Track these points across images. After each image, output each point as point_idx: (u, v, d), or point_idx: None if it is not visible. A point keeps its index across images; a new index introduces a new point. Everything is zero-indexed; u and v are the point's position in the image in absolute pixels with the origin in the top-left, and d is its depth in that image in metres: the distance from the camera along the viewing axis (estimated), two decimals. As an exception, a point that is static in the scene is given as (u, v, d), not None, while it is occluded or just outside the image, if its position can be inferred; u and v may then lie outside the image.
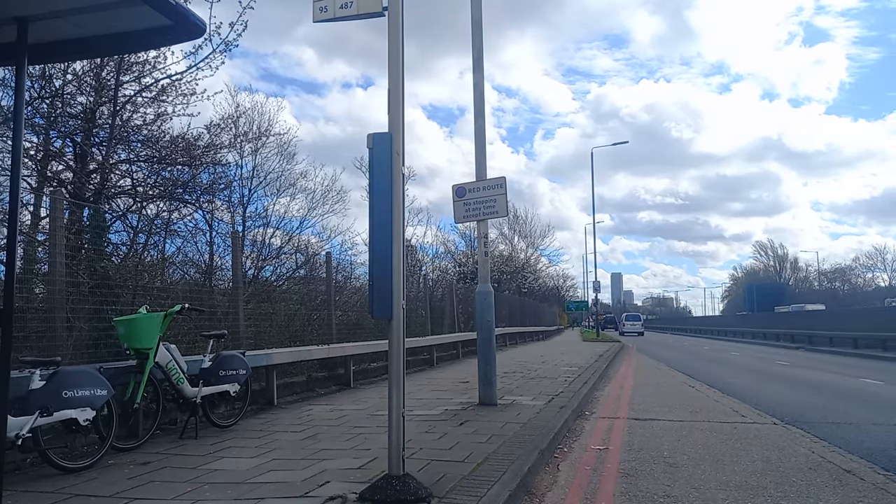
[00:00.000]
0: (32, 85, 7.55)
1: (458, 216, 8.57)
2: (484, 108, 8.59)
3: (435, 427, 6.38)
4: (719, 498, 4.40)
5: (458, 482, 4.23)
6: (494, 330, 8.39)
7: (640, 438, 6.59)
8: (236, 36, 8.07)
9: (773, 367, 17.12)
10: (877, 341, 23.53)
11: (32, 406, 4.33)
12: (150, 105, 8.70)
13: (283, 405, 8.15)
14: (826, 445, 6.26)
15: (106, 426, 4.92)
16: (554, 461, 5.52)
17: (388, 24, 4.24)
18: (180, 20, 3.05)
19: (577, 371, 13.11)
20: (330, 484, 4.20)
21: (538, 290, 50.69)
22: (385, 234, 4.02)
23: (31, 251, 6.88)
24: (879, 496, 4.49)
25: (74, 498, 4.00)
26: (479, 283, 8.43)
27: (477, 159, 8.48)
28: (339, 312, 11.47)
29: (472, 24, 8.64)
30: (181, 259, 9.59)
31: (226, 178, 10.90)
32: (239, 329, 8.14)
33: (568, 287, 73.02)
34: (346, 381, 10.21)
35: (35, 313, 5.94)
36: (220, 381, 6.40)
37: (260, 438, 5.91)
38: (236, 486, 4.22)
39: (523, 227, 45.87)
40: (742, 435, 6.79)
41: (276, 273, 12.22)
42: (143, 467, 4.77)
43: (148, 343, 5.59)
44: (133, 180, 9.07)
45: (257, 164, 13.67)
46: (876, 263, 68.11)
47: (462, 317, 19.36)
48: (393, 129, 4.12)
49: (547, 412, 7.35)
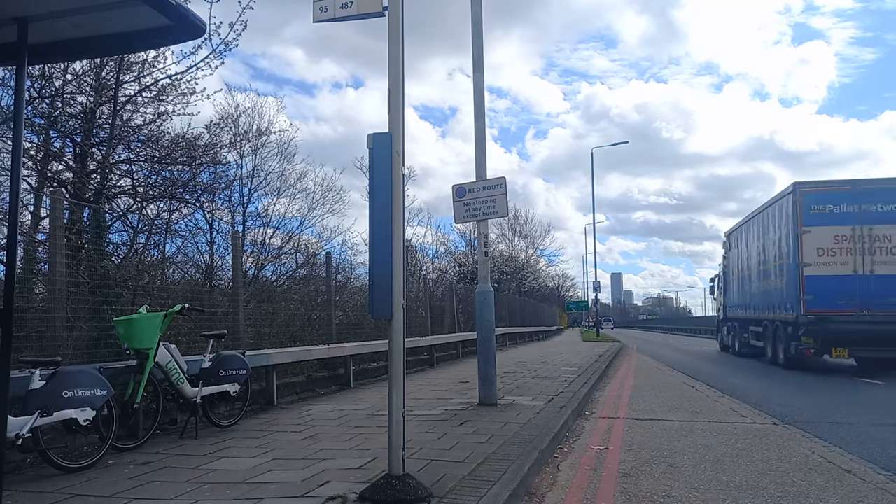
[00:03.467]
0: (32, 85, 7.55)
1: (458, 216, 8.56)
2: (484, 108, 8.59)
3: (435, 427, 6.38)
4: (719, 498, 4.40)
5: (458, 482, 4.23)
6: (494, 330, 8.39)
7: (640, 438, 6.59)
8: (236, 36, 8.07)
9: (773, 368, 17.10)
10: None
11: (32, 406, 4.33)
12: (150, 105, 8.70)
13: (283, 405, 8.15)
14: (826, 445, 6.26)
15: (106, 426, 4.92)
16: (554, 461, 5.53)
17: (388, 25, 4.24)
18: (180, 20, 3.05)
19: (577, 371, 13.11)
20: (330, 484, 4.20)
21: (538, 291, 50.68)
22: (385, 233, 4.02)
23: (31, 251, 6.87)
24: (879, 496, 4.49)
25: (74, 498, 4.00)
26: (479, 284, 8.42)
27: (477, 159, 8.48)
28: (339, 312, 11.48)
29: (472, 24, 8.63)
30: (181, 259, 9.58)
31: (226, 177, 10.89)
32: (239, 329, 8.14)
33: (568, 287, 73.11)
34: (346, 381, 10.21)
35: (35, 313, 5.94)
36: (220, 381, 6.40)
37: (260, 438, 5.91)
38: (236, 486, 4.22)
39: (523, 228, 45.91)
40: (742, 435, 6.79)
41: (276, 273, 12.23)
42: (143, 467, 4.77)
43: (148, 343, 5.59)
44: (133, 180, 9.07)
45: (257, 164, 13.67)
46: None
47: (462, 317, 19.37)
48: (393, 129, 4.12)
49: (547, 412, 7.35)
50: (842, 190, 14.91)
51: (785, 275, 15.82)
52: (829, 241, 14.52)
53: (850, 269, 14.39)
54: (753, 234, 19.28)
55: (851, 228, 14.44)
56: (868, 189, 14.69)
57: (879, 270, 14.22)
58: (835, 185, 15.39)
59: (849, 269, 14.39)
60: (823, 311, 14.43)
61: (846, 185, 15.11)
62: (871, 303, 14.14)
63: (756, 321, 18.89)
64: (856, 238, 14.41)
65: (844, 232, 14.49)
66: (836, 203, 14.66)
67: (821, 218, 14.68)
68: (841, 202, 14.65)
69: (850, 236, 14.45)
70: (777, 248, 16.53)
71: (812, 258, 14.59)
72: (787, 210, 15.51)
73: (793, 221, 15.05)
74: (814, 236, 14.63)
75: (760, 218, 18.39)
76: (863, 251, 14.38)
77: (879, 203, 14.42)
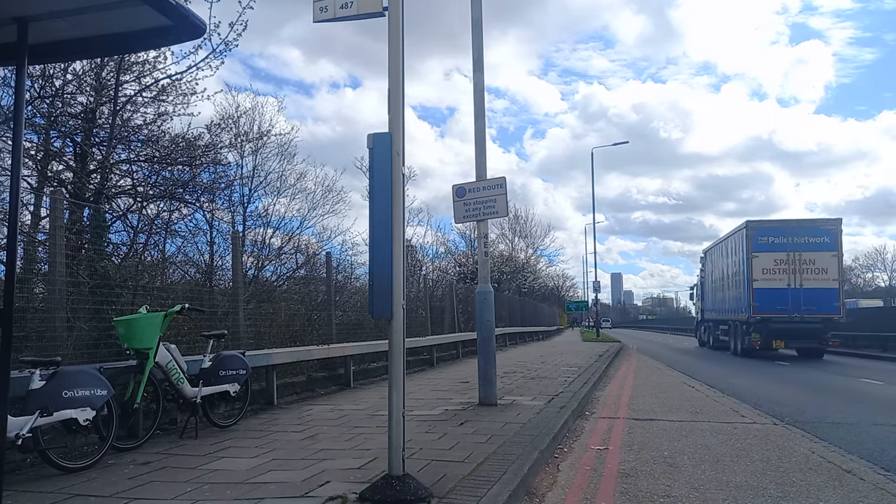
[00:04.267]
0: (32, 85, 7.55)
1: (458, 216, 8.56)
2: (484, 108, 8.58)
3: (435, 427, 6.38)
4: (719, 498, 4.40)
5: (458, 482, 4.23)
6: (494, 330, 8.39)
7: (640, 438, 6.59)
8: (236, 36, 8.06)
9: (774, 368, 17.11)
10: (876, 341, 23.51)
11: (32, 406, 4.33)
12: (150, 105, 8.70)
13: (283, 405, 8.15)
14: (826, 445, 6.26)
15: (106, 426, 4.91)
16: (554, 461, 5.53)
17: (388, 25, 4.24)
18: (180, 20, 3.05)
19: (577, 371, 13.11)
20: (330, 484, 4.20)
21: (538, 291, 50.67)
22: (385, 234, 4.02)
23: (32, 251, 6.87)
24: (879, 496, 4.49)
25: (74, 498, 4.00)
26: (479, 284, 8.43)
27: (477, 159, 8.47)
28: (339, 312, 11.47)
29: (473, 25, 8.63)
30: (181, 259, 9.58)
31: (226, 178, 10.88)
32: (239, 329, 8.13)
33: (568, 287, 73.11)
34: (346, 381, 10.21)
35: (35, 313, 5.93)
36: (220, 381, 6.40)
37: (260, 438, 5.91)
38: (236, 486, 4.22)
39: (523, 228, 45.87)
40: (742, 435, 6.80)
41: (276, 273, 12.23)
42: (143, 467, 4.77)
43: (148, 343, 5.59)
44: (133, 180, 9.07)
45: (257, 164, 13.68)
46: (875, 264, 68.19)
47: (462, 317, 19.37)
48: (393, 129, 4.12)
49: (547, 412, 7.35)
50: (779, 226, 20.65)
51: (741, 287, 21.02)
52: (771, 263, 19.96)
53: (785, 284, 19.82)
54: (720, 255, 24.89)
55: (786, 254, 19.92)
56: (798, 226, 20.45)
57: (806, 285, 19.71)
58: (775, 223, 21.28)
59: (784, 284, 19.82)
60: (766, 314, 19.72)
61: (782, 223, 20.99)
62: (799, 308, 19.56)
63: (724, 322, 24.33)
64: (789, 261, 19.88)
65: (781, 257, 19.96)
66: (775, 236, 20.18)
67: (765, 246, 20.08)
68: (779, 235, 20.17)
69: (785, 260, 19.92)
70: (736, 267, 21.98)
71: (759, 275, 19.97)
72: (742, 240, 20.93)
73: (746, 248, 20.43)
74: (760, 260, 20.07)
75: (724, 244, 24.15)
76: (794, 271, 19.85)
77: (805, 237, 20.00)
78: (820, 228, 20.31)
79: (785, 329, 19.60)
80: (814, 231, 20.16)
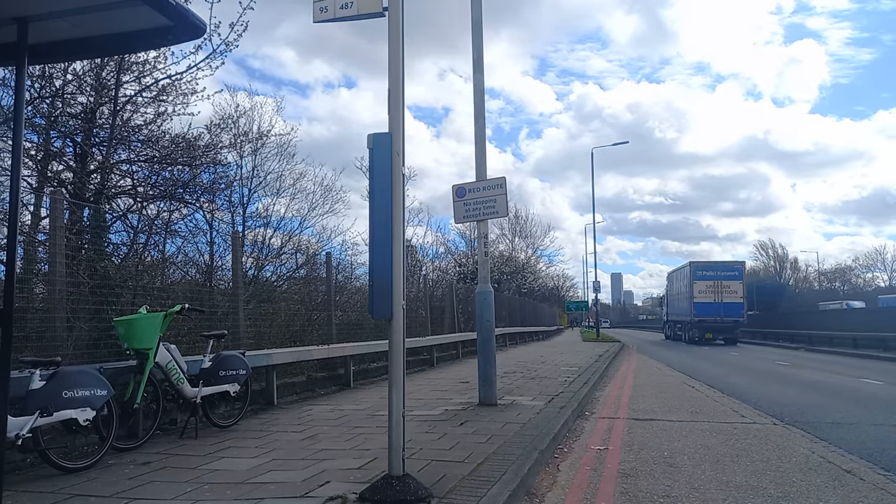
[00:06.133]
0: (32, 85, 7.55)
1: (458, 216, 8.55)
2: (484, 109, 8.58)
3: (435, 427, 6.38)
4: (719, 498, 4.40)
5: (458, 482, 4.23)
6: (494, 330, 8.39)
7: (640, 439, 6.59)
8: (237, 36, 8.07)
9: (773, 368, 17.12)
10: (876, 341, 23.57)
11: (32, 406, 4.33)
12: (150, 105, 8.70)
13: (283, 405, 8.15)
14: (826, 445, 6.26)
15: (106, 426, 4.91)
16: (554, 461, 5.53)
17: (388, 25, 4.24)
18: (180, 20, 3.05)
19: (577, 371, 13.11)
20: (330, 484, 4.20)
21: (538, 291, 50.63)
22: (385, 234, 4.02)
23: (32, 251, 6.87)
24: (879, 496, 4.49)
25: (74, 498, 4.00)
26: (479, 284, 8.42)
27: (477, 160, 8.47)
28: (339, 312, 11.47)
29: (472, 26, 8.64)
30: (181, 259, 9.58)
31: (226, 178, 10.89)
32: (239, 329, 8.13)
33: (567, 287, 73.05)
34: (346, 382, 10.21)
35: (35, 313, 5.93)
36: (220, 382, 6.40)
37: (260, 438, 5.91)
38: (236, 486, 4.22)
39: (523, 228, 45.81)
40: (742, 435, 6.80)
41: (276, 273, 12.23)
42: (143, 467, 4.77)
43: (148, 343, 5.59)
44: (133, 180, 9.07)
45: (257, 165, 13.67)
46: (875, 263, 68.26)
47: (462, 317, 19.37)
48: (393, 129, 4.12)
49: (547, 412, 7.35)
50: (710, 265, 33.88)
51: (687, 300, 33.33)
52: (704, 287, 32.21)
53: (712, 299, 31.85)
54: (677, 279, 38.00)
55: (714, 282, 32.17)
56: (720, 265, 34.01)
57: (724, 300, 31.80)
58: (707, 263, 34.47)
59: (712, 299, 31.86)
60: (702, 318, 31.96)
61: (711, 263, 34.62)
62: (720, 314, 31.63)
63: (679, 322, 37.17)
64: (715, 286, 32.09)
65: (710, 283, 32.20)
66: (707, 270, 33.01)
67: (701, 276, 32.54)
68: (709, 269, 33.01)
69: (712, 285, 32.15)
70: (685, 288, 34.20)
71: (697, 294, 32.11)
72: (687, 272, 33.62)
73: (689, 277, 32.95)
74: (698, 285, 32.30)
75: (679, 272, 37.46)
76: (717, 291, 31.95)
77: (724, 271, 32.89)
78: (733, 266, 33.82)
79: (713, 327, 32.02)
80: (729, 268, 33.38)
